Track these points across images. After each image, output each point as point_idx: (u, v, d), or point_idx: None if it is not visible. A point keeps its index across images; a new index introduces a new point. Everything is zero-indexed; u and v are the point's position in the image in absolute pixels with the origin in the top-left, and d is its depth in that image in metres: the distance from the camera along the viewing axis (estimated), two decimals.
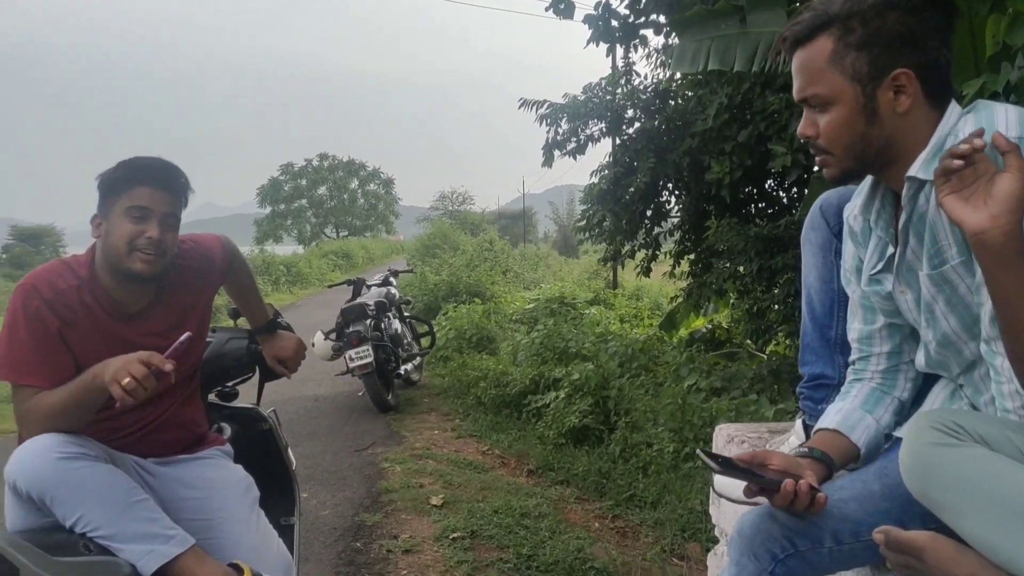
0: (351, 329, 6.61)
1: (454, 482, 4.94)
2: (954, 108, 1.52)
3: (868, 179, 1.65)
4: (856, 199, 1.71)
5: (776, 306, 6.13)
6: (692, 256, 7.65)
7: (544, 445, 5.71)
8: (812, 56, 1.50)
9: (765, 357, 6.83)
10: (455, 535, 4.01)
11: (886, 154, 1.52)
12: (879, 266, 1.63)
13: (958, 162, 1.24)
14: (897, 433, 1.67)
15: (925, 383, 1.72)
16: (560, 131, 7.54)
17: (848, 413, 1.67)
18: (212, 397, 2.43)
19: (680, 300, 7.74)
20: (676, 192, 7.57)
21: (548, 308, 10.52)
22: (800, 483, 1.44)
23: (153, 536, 1.72)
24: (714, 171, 6.25)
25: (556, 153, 7.60)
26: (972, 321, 1.51)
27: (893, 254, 1.59)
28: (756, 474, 1.47)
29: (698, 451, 1.49)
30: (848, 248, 1.74)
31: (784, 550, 1.48)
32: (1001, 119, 1.39)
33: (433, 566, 3.69)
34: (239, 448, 2.23)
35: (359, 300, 7.17)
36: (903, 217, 1.54)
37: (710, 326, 8.42)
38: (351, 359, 6.45)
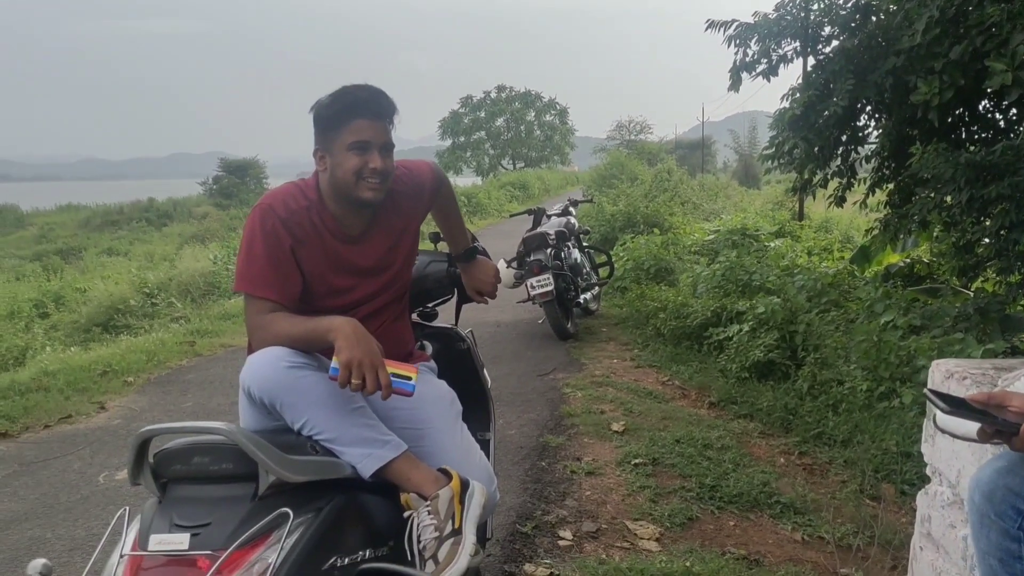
0: (532, 258, 6.72)
1: (634, 410, 4.98)
2: None
3: None
4: None
5: (987, 239, 5.65)
6: (891, 185, 7.15)
7: (726, 378, 5.63)
8: None
9: (971, 294, 6.34)
10: (637, 461, 4.05)
11: None
12: None
13: None
14: None
15: None
16: (749, 52, 7.17)
17: None
18: (414, 317, 2.55)
19: (876, 232, 7.28)
20: (876, 116, 7.06)
21: (729, 240, 10.24)
22: None
23: (371, 441, 1.85)
24: (921, 92, 5.75)
25: (745, 76, 7.24)
26: None
27: None
28: (993, 416, 1.37)
29: (926, 390, 1.41)
30: None
31: None
32: None
33: (616, 489, 3.76)
34: (440, 365, 2.35)
35: (540, 229, 7.26)
36: None
37: (908, 260, 7.90)
38: (532, 287, 6.58)
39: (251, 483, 1.63)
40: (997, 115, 6.41)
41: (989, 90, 5.45)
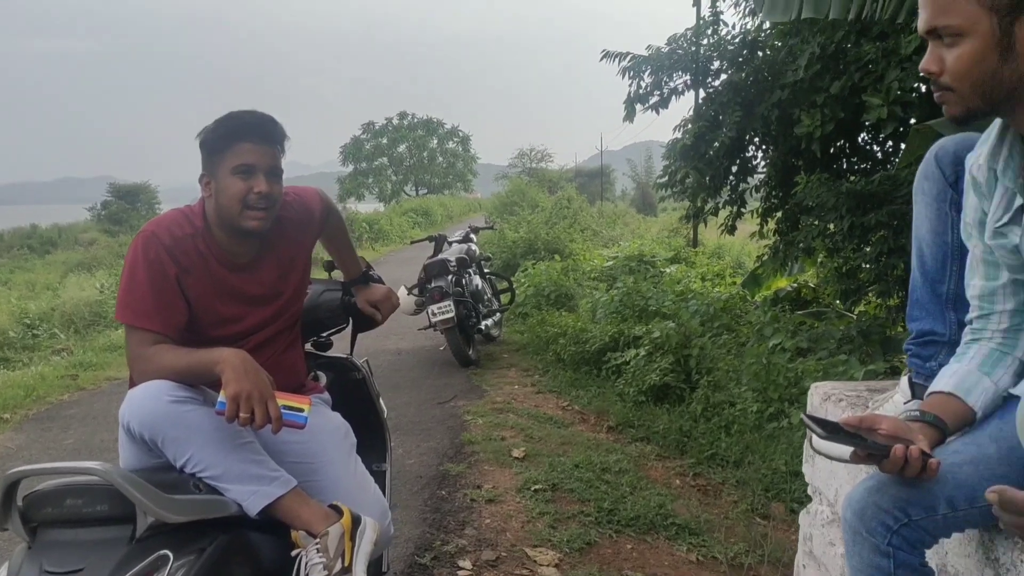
0: (433, 284, 6.68)
1: (535, 436, 4.99)
2: None
3: (996, 125, 1.55)
4: (981, 147, 1.61)
5: (867, 265, 5.93)
6: (779, 213, 7.44)
7: (624, 402, 5.71)
8: None
9: (854, 317, 6.64)
10: (536, 487, 4.05)
11: (1018, 94, 1.42)
12: (1005, 218, 1.54)
13: None
14: (1015, 391, 1.59)
15: None
16: (643, 84, 7.38)
17: (964, 375, 1.59)
18: (308, 347, 2.49)
19: (766, 258, 7.55)
20: (763, 147, 7.35)
21: (627, 266, 10.46)
22: (911, 448, 1.39)
23: (259, 477, 1.78)
24: (804, 124, 6.03)
25: (638, 107, 7.44)
26: None
27: (1022, 205, 1.51)
28: (864, 439, 1.42)
29: (803, 416, 1.45)
30: (970, 200, 1.65)
31: (897, 520, 1.42)
32: None
33: (515, 516, 3.74)
34: (334, 396, 2.29)
35: (440, 256, 7.24)
36: None
37: (795, 285, 8.21)
38: (433, 314, 6.54)
39: (129, 525, 1.55)
40: (875, 147, 6.76)
41: (867, 123, 5.75)
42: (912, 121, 5.70)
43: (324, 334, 2.56)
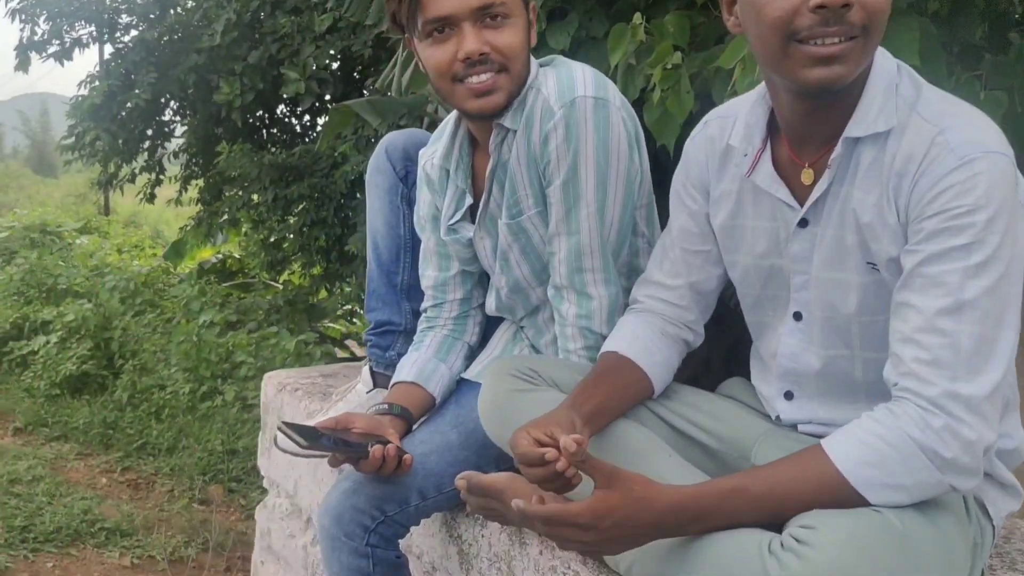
0: None
1: None
2: (532, 60, 1.57)
3: (449, 125, 1.64)
4: (434, 145, 1.68)
5: (291, 235, 6.08)
6: (201, 182, 7.19)
7: (34, 398, 4.98)
8: None
9: (280, 287, 6.78)
10: None
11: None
12: (458, 215, 1.64)
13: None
14: (466, 375, 1.72)
15: (488, 326, 1.80)
16: (38, 30, 6.42)
17: (424, 364, 1.67)
18: None
19: (189, 229, 7.25)
20: (182, 112, 7.00)
21: (27, 238, 9.13)
22: (388, 448, 1.42)
23: None
24: (224, 92, 5.88)
25: (33, 55, 6.48)
26: (541, 268, 1.60)
27: (473, 204, 1.61)
28: (343, 442, 1.40)
29: (279, 426, 1.36)
30: (424, 195, 1.72)
31: (374, 519, 1.45)
32: (579, 77, 1.48)
33: None
34: None
35: None
36: (490, 164, 1.56)
37: (221, 256, 8.07)
38: None
39: None
40: (294, 120, 6.93)
41: (286, 96, 5.84)
42: (327, 98, 5.97)
43: None
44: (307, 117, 6.72)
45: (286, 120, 6.92)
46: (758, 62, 1.24)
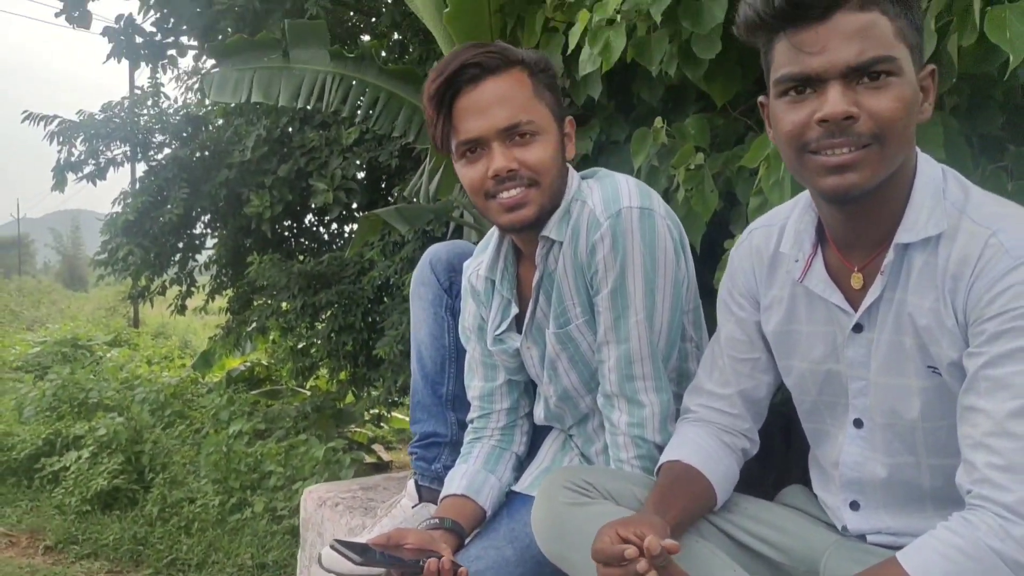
0: None
1: None
2: (572, 171, 1.60)
3: (493, 237, 1.67)
4: (479, 257, 1.71)
5: (319, 341, 6.12)
6: (231, 292, 7.31)
7: (65, 515, 4.92)
8: (514, 85, 1.48)
9: (308, 394, 6.78)
10: None
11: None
12: (504, 326, 1.65)
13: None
14: (517, 488, 1.69)
15: (536, 435, 1.78)
16: (75, 152, 6.67)
17: (473, 476, 1.65)
18: None
19: (217, 339, 7.33)
20: (213, 225, 7.17)
21: (59, 352, 9.24)
22: (443, 561, 1.39)
23: None
24: (254, 205, 6.05)
25: (70, 176, 6.71)
26: (590, 376, 1.60)
27: (518, 314, 1.62)
28: (396, 558, 1.38)
29: (332, 544, 1.34)
30: (469, 306, 1.74)
31: None
32: (624, 189, 1.51)
33: None
34: None
35: None
36: (536, 275, 1.58)
37: (248, 364, 8.11)
38: None
39: None
40: (321, 229, 7.07)
41: (314, 206, 5.98)
42: (354, 206, 6.11)
43: None
44: (334, 226, 6.87)
45: (314, 229, 7.07)
46: (790, 172, 1.28)
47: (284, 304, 6.16)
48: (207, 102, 7.06)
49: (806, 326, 1.36)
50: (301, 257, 6.54)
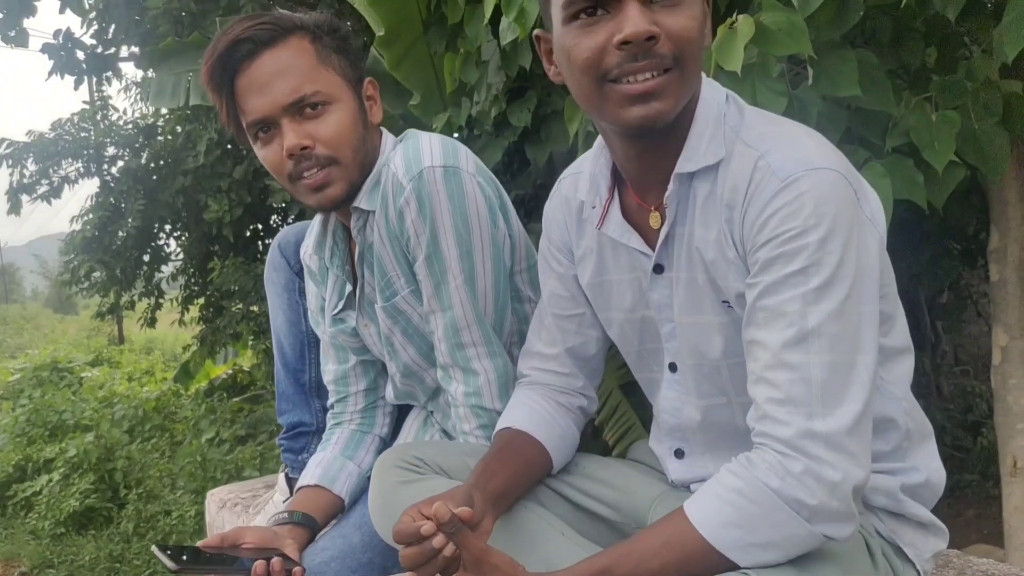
0: None
1: None
2: (386, 135, 1.52)
3: (318, 215, 1.59)
4: (308, 237, 1.64)
5: None
6: (201, 300, 7.22)
7: (39, 539, 4.86)
8: (294, 55, 1.36)
9: None
10: None
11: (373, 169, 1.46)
12: (340, 304, 1.58)
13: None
14: None
15: (400, 415, 1.71)
16: (27, 173, 6.55)
17: (328, 464, 1.58)
18: None
19: (194, 349, 7.24)
20: (176, 234, 7.07)
21: (36, 377, 9.15)
22: (273, 562, 1.31)
23: None
24: (212, 210, 5.95)
25: (24, 198, 6.60)
26: (428, 349, 1.53)
27: (352, 291, 1.55)
28: (228, 557, 1.30)
29: (153, 547, 1.27)
30: (311, 288, 1.67)
31: None
32: (426, 148, 1.41)
33: None
34: None
35: None
36: (357, 249, 1.51)
37: (231, 371, 8.03)
38: None
39: None
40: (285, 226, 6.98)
41: (275, 206, 5.89)
42: None
43: None
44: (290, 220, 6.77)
45: (277, 229, 6.97)
46: (582, 108, 1.16)
47: (254, 307, 6.08)
48: (162, 111, 6.95)
49: (615, 275, 1.28)
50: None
